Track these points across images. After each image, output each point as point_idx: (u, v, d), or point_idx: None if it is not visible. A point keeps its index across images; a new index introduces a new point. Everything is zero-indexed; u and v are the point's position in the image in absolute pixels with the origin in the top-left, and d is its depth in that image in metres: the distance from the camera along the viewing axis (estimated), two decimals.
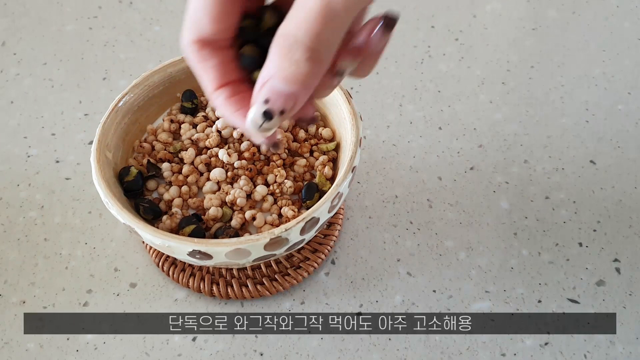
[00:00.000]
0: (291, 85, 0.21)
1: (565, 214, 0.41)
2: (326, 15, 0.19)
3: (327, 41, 0.20)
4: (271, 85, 0.21)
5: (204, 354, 0.35)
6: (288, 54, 0.20)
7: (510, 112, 0.48)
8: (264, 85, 0.21)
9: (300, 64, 0.20)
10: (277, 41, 0.20)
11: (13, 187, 0.43)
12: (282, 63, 0.20)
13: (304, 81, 0.21)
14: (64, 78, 0.51)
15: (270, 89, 0.21)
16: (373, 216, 0.41)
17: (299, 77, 0.20)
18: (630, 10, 0.56)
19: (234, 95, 0.23)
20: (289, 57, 0.20)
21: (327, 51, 0.20)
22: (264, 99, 0.21)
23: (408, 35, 0.54)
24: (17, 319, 0.37)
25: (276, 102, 0.21)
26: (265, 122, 0.22)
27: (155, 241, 0.31)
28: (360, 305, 0.37)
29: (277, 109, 0.21)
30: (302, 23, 0.19)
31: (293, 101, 0.21)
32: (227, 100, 0.23)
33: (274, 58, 0.21)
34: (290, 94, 0.21)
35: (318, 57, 0.20)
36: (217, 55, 0.23)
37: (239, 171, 0.35)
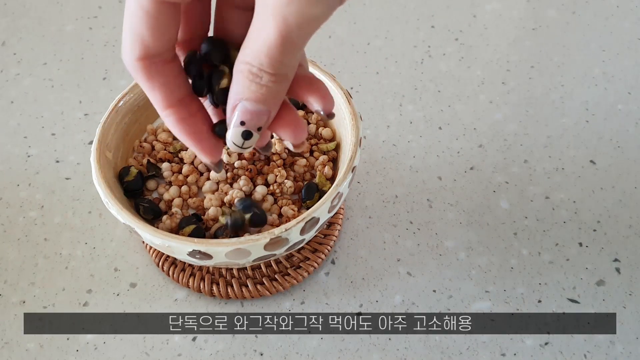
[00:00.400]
0: (262, 105, 0.22)
1: (565, 214, 0.41)
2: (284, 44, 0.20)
3: (287, 65, 0.21)
4: (244, 108, 0.22)
5: (204, 354, 0.35)
6: (255, 79, 0.21)
7: (510, 112, 0.48)
8: (235, 108, 0.22)
9: (268, 86, 0.22)
10: (241, 67, 0.22)
11: (13, 187, 0.43)
12: (250, 86, 0.22)
13: (273, 100, 0.22)
14: (64, 78, 0.51)
15: (244, 111, 0.22)
16: (373, 216, 0.41)
17: (268, 96, 0.22)
18: (630, 10, 0.56)
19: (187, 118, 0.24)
20: (256, 82, 0.22)
21: (289, 71, 0.22)
22: (239, 121, 0.23)
23: (408, 35, 0.54)
24: (17, 319, 0.37)
25: (252, 121, 0.23)
26: (246, 141, 0.23)
27: (155, 241, 0.31)
28: (360, 305, 0.37)
29: (254, 127, 0.23)
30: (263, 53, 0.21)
31: (266, 117, 0.23)
32: (179, 123, 0.24)
33: (242, 83, 0.22)
34: (262, 111, 0.23)
35: (283, 78, 0.22)
36: (165, 72, 0.23)
37: (239, 171, 0.35)
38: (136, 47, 0.22)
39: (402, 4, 0.57)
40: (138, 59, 0.22)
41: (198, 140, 0.24)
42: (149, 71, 0.22)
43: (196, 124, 0.24)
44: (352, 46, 0.53)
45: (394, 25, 0.55)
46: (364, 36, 0.54)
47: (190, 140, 0.24)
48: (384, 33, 0.54)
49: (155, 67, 0.22)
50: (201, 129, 0.24)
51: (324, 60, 0.51)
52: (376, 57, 0.52)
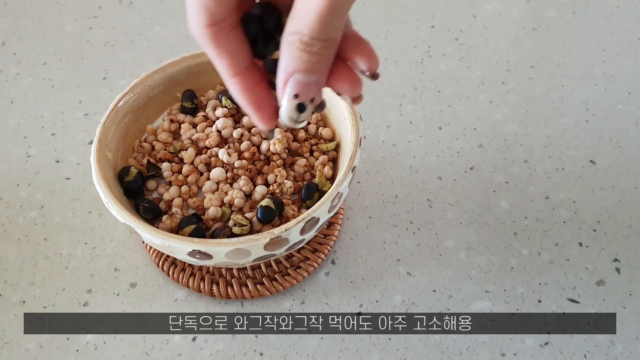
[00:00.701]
0: (314, 75, 0.23)
1: (565, 214, 0.41)
2: (333, 9, 0.21)
3: (336, 29, 0.22)
4: (296, 80, 0.23)
5: (204, 354, 0.35)
6: (307, 48, 0.22)
7: (510, 112, 0.48)
8: (287, 82, 0.23)
9: (320, 53, 0.22)
10: (291, 39, 0.22)
11: (13, 187, 0.43)
12: (301, 57, 0.22)
13: (324, 67, 0.23)
14: (64, 78, 0.51)
15: (297, 84, 0.23)
16: (373, 216, 0.41)
17: (320, 65, 0.23)
18: (630, 10, 0.56)
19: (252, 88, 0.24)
20: (308, 51, 0.22)
21: (338, 35, 0.22)
22: (293, 94, 0.23)
23: (408, 35, 0.54)
24: (17, 319, 0.37)
25: (306, 93, 0.23)
26: (301, 115, 0.24)
27: (155, 241, 0.31)
28: (360, 305, 0.37)
29: (308, 98, 0.23)
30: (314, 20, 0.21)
31: (319, 88, 0.23)
32: (245, 92, 0.24)
33: (292, 54, 0.22)
34: (314, 82, 0.23)
35: (333, 43, 0.22)
36: (231, 38, 0.23)
37: (239, 171, 0.35)
38: (202, 15, 0.22)
39: (402, 4, 0.57)
40: (205, 26, 0.22)
41: (259, 109, 0.25)
42: (217, 38, 0.23)
43: (259, 93, 0.25)
44: None
45: (394, 25, 0.55)
46: (363, 36, 0.54)
47: (253, 108, 0.25)
48: (384, 33, 0.54)
49: (222, 34, 0.23)
50: (264, 97, 0.25)
51: None
52: None
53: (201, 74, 0.39)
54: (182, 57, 0.39)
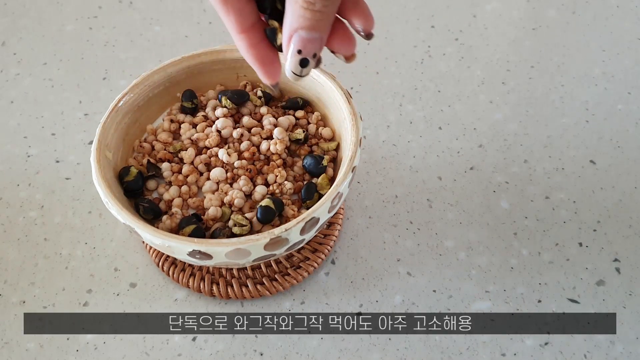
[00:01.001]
0: (317, 32, 0.24)
1: (565, 214, 0.41)
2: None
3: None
4: (300, 37, 0.24)
5: (204, 354, 0.35)
6: (310, 6, 0.23)
7: (510, 112, 0.48)
8: (291, 38, 0.24)
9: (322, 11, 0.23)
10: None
11: (13, 187, 0.43)
12: (305, 14, 0.23)
13: (325, 24, 0.24)
14: (64, 78, 0.51)
15: (300, 40, 0.24)
16: (373, 216, 0.41)
17: (322, 22, 0.24)
18: (630, 10, 0.56)
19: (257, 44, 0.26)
20: (310, 10, 0.23)
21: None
22: (296, 50, 0.24)
23: (408, 35, 0.54)
24: (17, 319, 0.37)
25: (308, 49, 0.24)
26: (304, 69, 0.25)
27: (155, 241, 0.31)
28: (360, 305, 0.37)
29: (310, 54, 0.25)
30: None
31: (321, 43, 0.25)
32: (251, 48, 0.26)
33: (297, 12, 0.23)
34: (317, 38, 0.24)
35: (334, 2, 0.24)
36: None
37: (239, 171, 0.35)
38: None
39: (402, 4, 0.57)
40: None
41: (263, 64, 0.26)
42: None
43: (264, 50, 0.26)
44: None
45: (394, 25, 0.55)
46: None
47: (257, 64, 0.26)
48: (384, 33, 0.54)
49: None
50: (268, 54, 0.26)
51: (324, 60, 0.51)
52: (376, 57, 0.52)
53: (201, 74, 0.39)
54: (182, 57, 0.39)
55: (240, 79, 0.40)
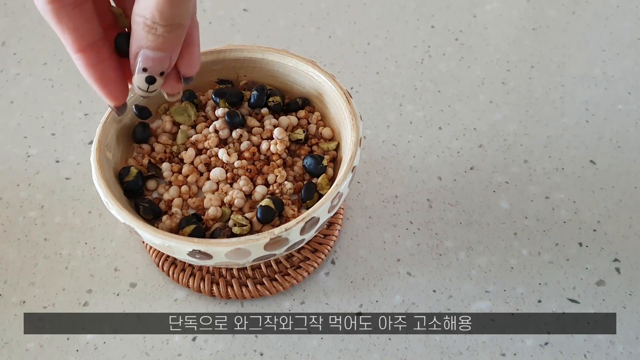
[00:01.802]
0: (161, 52, 0.24)
1: (565, 214, 0.41)
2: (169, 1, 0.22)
3: (180, 15, 0.23)
4: (145, 55, 0.24)
5: (204, 354, 0.35)
6: (151, 31, 0.23)
7: (510, 112, 0.48)
8: (137, 56, 0.24)
9: (164, 36, 0.23)
10: (137, 20, 0.23)
11: (13, 187, 0.43)
12: (147, 37, 0.23)
13: (170, 46, 0.24)
14: (64, 78, 0.51)
15: (145, 58, 0.24)
16: (373, 216, 0.41)
17: (166, 44, 0.24)
18: (630, 10, 0.56)
19: (96, 64, 0.25)
20: (152, 33, 0.23)
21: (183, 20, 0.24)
22: (142, 68, 0.24)
23: (408, 35, 0.54)
24: (17, 319, 0.37)
25: (154, 67, 0.24)
26: (150, 86, 0.25)
27: (155, 241, 0.31)
28: (360, 305, 0.37)
29: (156, 72, 0.25)
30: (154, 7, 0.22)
31: (167, 62, 0.25)
32: (88, 68, 0.25)
33: (140, 33, 0.23)
34: (162, 57, 0.24)
35: (177, 27, 0.23)
36: (75, 15, 0.24)
37: (239, 171, 0.35)
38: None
39: (402, 4, 0.57)
40: (47, 2, 0.23)
41: (105, 85, 0.26)
42: (59, 14, 0.23)
43: (105, 70, 0.25)
44: (352, 46, 0.53)
45: (394, 25, 0.55)
46: (364, 36, 0.54)
47: (97, 85, 0.26)
48: (384, 33, 0.54)
49: (65, 11, 0.23)
50: (109, 74, 0.26)
51: (324, 60, 0.51)
52: (376, 57, 0.52)
53: (201, 74, 0.39)
54: None
55: (241, 78, 0.40)
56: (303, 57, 0.38)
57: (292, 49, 0.52)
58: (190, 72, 0.27)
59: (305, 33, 0.54)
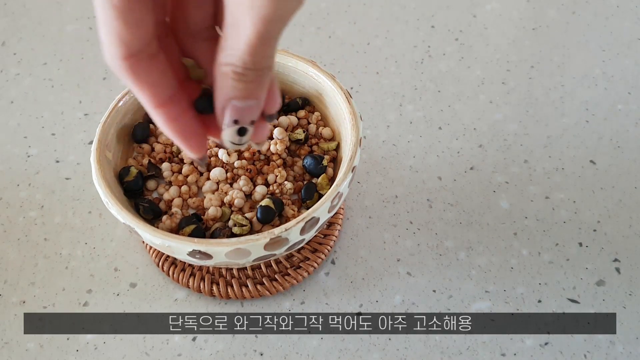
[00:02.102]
0: (251, 100, 0.23)
1: (565, 214, 0.41)
2: (263, 41, 0.21)
3: (269, 57, 0.22)
4: (234, 107, 0.23)
5: (204, 354, 0.35)
6: (242, 78, 0.22)
7: (510, 112, 0.48)
8: (226, 109, 0.23)
9: (253, 83, 0.22)
10: (225, 70, 0.22)
11: (13, 187, 0.43)
12: (237, 86, 0.22)
13: (260, 92, 0.23)
14: (64, 78, 0.51)
15: (235, 110, 0.23)
16: (373, 216, 0.41)
17: (257, 90, 0.23)
18: (630, 10, 0.56)
19: (177, 118, 0.24)
20: (243, 80, 0.22)
21: (271, 62, 0.22)
22: (232, 121, 0.23)
23: (408, 35, 0.54)
24: (17, 319, 0.37)
25: (244, 117, 0.23)
26: (242, 138, 0.24)
27: (155, 241, 0.31)
28: (360, 305, 0.37)
29: (247, 122, 0.23)
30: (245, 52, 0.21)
31: (257, 110, 0.23)
32: (170, 122, 0.24)
33: (228, 84, 0.22)
34: (252, 105, 0.23)
35: (267, 71, 0.22)
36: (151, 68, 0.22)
37: (238, 171, 0.35)
38: (117, 47, 0.21)
39: (402, 4, 0.57)
40: (122, 58, 0.21)
41: (187, 139, 0.24)
42: (136, 70, 0.22)
43: (185, 123, 0.24)
44: (352, 46, 0.53)
45: (394, 25, 0.55)
46: (364, 36, 0.54)
47: (179, 138, 0.24)
48: (384, 33, 0.54)
49: (141, 65, 0.22)
50: (190, 127, 0.24)
51: (324, 60, 0.51)
52: (376, 57, 0.52)
53: None
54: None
55: None
56: (303, 57, 0.38)
57: (292, 49, 0.52)
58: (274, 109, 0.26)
59: (305, 33, 0.54)
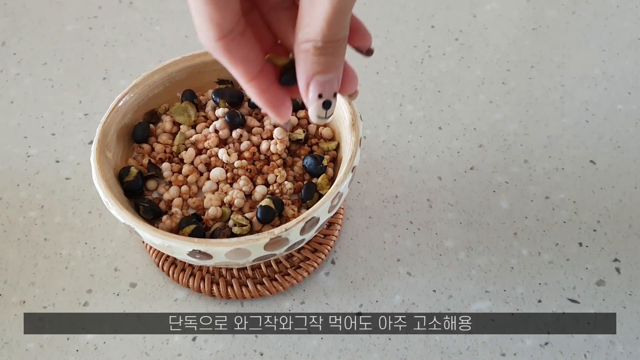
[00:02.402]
0: (332, 73, 0.24)
1: (565, 214, 0.41)
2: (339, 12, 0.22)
3: (345, 28, 0.23)
4: (317, 82, 0.24)
5: (204, 354, 0.35)
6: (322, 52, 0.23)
7: (510, 112, 0.48)
8: (309, 84, 0.24)
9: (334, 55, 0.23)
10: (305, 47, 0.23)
11: (13, 187, 0.43)
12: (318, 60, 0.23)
13: (339, 63, 0.24)
14: (64, 78, 0.51)
15: (318, 85, 0.24)
16: (373, 216, 0.41)
17: (335, 63, 0.24)
18: (630, 10, 0.56)
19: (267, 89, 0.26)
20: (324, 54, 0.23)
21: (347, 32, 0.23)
22: (317, 95, 0.24)
23: (408, 35, 0.54)
24: (17, 319, 0.37)
25: (328, 91, 0.24)
26: (328, 111, 0.25)
27: (155, 241, 0.31)
28: (360, 305, 0.37)
29: (331, 94, 0.25)
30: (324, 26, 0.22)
31: (338, 82, 0.25)
32: (262, 94, 0.26)
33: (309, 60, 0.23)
34: (334, 78, 0.24)
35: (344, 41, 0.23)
36: (242, 46, 0.24)
37: (238, 171, 0.35)
38: (211, 29, 0.23)
39: (402, 4, 0.57)
40: (217, 39, 0.23)
41: (276, 107, 0.26)
42: (229, 49, 0.23)
43: (275, 94, 0.26)
44: None
45: (394, 25, 0.55)
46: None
47: (270, 108, 0.26)
48: (384, 33, 0.54)
49: (234, 44, 0.23)
50: (279, 96, 0.26)
51: None
52: (376, 57, 0.52)
53: (201, 74, 0.39)
54: (182, 57, 0.39)
55: None
56: None
57: None
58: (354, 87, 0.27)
59: None
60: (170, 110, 0.38)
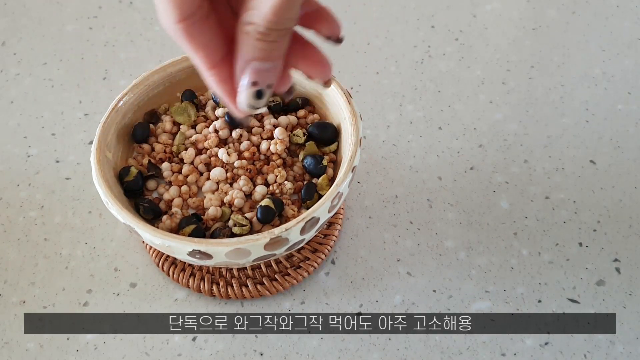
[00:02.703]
0: (271, 62, 0.23)
1: (565, 214, 0.41)
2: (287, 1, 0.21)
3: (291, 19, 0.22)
4: (254, 68, 0.23)
5: (204, 354, 0.35)
6: (264, 38, 0.22)
7: (510, 112, 0.48)
8: (245, 70, 0.23)
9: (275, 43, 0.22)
10: (248, 29, 0.22)
11: (13, 187, 0.43)
12: (258, 45, 0.22)
13: (280, 54, 0.23)
14: (64, 78, 0.51)
15: (255, 72, 0.23)
16: (373, 216, 0.41)
17: (277, 52, 0.23)
18: (630, 10, 0.56)
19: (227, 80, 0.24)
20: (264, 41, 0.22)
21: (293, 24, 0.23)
22: (251, 82, 0.23)
23: (408, 35, 0.54)
24: (17, 319, 0.37)
25: (263, 80, 0.23)
26: (260, 101, 0.24)
27: (155, 241, 0.31)
28: (360, 305, 0.37)
29: (265, 84, 0.23)
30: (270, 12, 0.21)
31: (275, 74, 0.24)
32: (221, 84, 0.24)
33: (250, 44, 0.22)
34: (272, 68, 0.23)
35: (288, 32, 0.23)
36: (204, 30, 0.23)
37: (238, 171, 0.35)
38: (172, 11, 0.22)
39: (402, 4, 0.57)
40: (177, 21, 0.22)
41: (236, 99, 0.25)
42: (190, 33, 0.22)
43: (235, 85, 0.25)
44: (352, 46, 0.53)
45: (394, 25, 0.55)
46: (364, 36, 0.54)
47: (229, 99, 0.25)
48: (384, 33, 0.54)
49: (195, 28, 0.22)
50: None
51: None
52: (376, 57, 0.52)
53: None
54: (183, 57, 0.39)
55: None
56: None
57: None
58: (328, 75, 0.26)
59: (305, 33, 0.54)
60: (170, 110, 0.38)
